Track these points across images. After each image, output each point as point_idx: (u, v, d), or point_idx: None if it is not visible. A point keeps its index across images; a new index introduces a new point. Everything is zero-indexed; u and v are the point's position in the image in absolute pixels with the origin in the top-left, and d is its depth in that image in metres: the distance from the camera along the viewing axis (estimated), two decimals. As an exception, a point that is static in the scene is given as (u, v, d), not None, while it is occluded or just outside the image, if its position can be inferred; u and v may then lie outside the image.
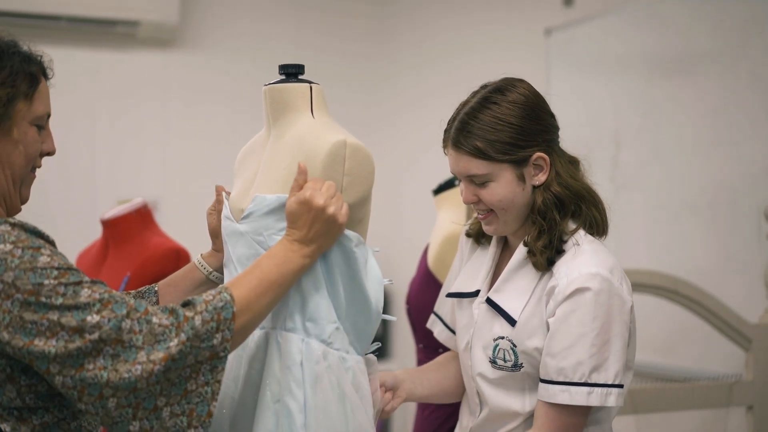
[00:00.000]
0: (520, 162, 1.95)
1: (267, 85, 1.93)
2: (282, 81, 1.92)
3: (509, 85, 1.99)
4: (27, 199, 1.82)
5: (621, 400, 1.91)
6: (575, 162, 2.06)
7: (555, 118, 2.03)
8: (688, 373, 3.46)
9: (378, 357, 3.41)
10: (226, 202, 1.96)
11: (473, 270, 2.14)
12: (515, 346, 1.97)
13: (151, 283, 2.87)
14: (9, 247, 1.60)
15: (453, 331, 2.23)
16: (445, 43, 5.23)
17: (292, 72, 1.92)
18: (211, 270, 2.04)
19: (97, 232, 3.27)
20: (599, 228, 2.02)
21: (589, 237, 1.99)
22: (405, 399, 2.13)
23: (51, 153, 1.81)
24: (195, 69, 5.37)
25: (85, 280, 1.62)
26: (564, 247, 1.96)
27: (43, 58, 1.78)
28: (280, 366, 1.78)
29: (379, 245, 1.93)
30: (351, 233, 1.82)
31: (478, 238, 2.17)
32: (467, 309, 2.10)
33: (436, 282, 2.97)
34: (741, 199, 3.49)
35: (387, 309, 2.00)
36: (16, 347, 1.58)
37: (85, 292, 1.60)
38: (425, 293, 3.02)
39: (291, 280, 1.76)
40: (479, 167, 1.95)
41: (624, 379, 1.97)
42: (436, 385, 2.21)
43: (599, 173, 2.12)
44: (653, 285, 3.07)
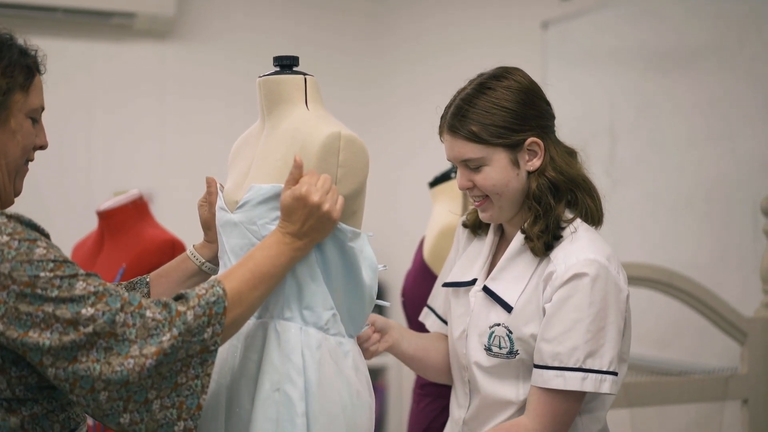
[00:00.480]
0: (513, 146, 1.96)
1: (261, 77, 1.93)
2: (276, 73, 1.92)
3: (505, 72, 2.01)
4: (20, 192, 1.83)
5: (615, 388, 1.91)
6: (572, 152, 2.06)
7: (550, 105, 2.04)
8: (683, 367, 3.47)
9: (373, 349, 3.31)
10: (220, 194, 1.96)
11: (470, 260, 2.14)
12: (511, 332, 1.97)
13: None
14: (5, 239, 1.61)
15: (445, 322, 2.23)
16: (442, 38, 5.22)
17: (286, 64, 1.91)
18: (204, 261, 2.05)
19: (93, 223, 3.26)
20: (594, 217, 2.03)
21: (586, 225, 2.00)
22: (390, 346, 2.13)
23: (44, 147, 1.82)
24: (191, 61, 5.36)
25: (80, 273, 1.63)
26: (562, 234, 1.97)
27: (37, 53, 1.80)
28: (279, 355, 1.79)
29: (376, 241, 1.93)
30: (346, 227, 1.83)
31: (474, 228, 2.18)
32: (463, 298, 2.10)
33: (431, 274, 2.97)
34: (737, 193, 3.49)
35: (381, 297, 2.00)
36: (10, 338, 1.58)
37: (80, 284, 1.61)
38: (421, 285, 3.02)
39: (282, 272, 1.78)
40: (473, 151, 1.96)
41: (619, 370, 1.97)
42: (421, 350, 2.20)
43: (595, 167, 2.13)
44: (649, 278, 3.07)
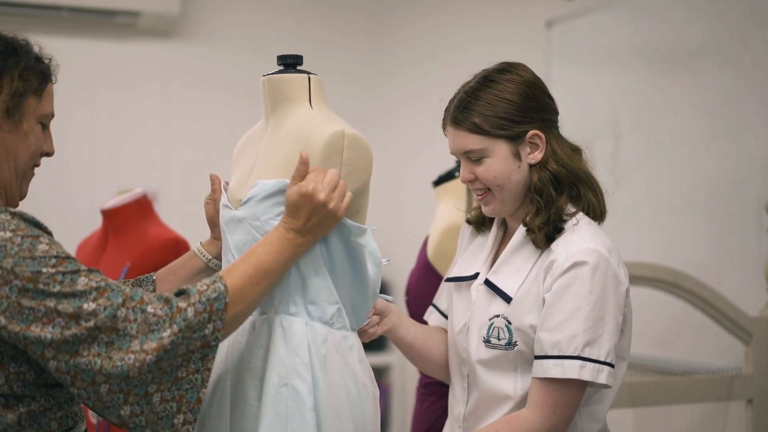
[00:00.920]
0: (515, 138, 1.97)
1: (265, 76, 1.93)
2: (280, 71, 1.92)
3: (509, 67, 2.04)
4: (25, 195, 1.86)
5: (611, 380, 1.91)
6: (577, 149, 2.07)
7: (554, 101, 2.05)
8: (687, 367, 3.46)
9: (376, 348, 3.44)
10: (224, 191, 1.96)
11: (473, 255, 2.15)
12: (510, 323, 1.97)
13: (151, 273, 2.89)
14: (8, 235, 1.63)
15: (447, 318, 2.23)
16: (445, 37, 5.21)
17: (290, 62, 1.92)
18: (210, 257, 2.06)
19: (97, 222, 3.27)
20: (596, 212, 2.04)
21: (588, 219, 2.01)
22: (389, 330, 2.12)
23: (50, 154, 1.86)
24: (195, 60, 5.36)
25: (82, 269, 1.65)
26: (563, 227, 1.97)
27: (51, 61, 1.85)
28: (286, 350, 1.79)
29: (379, 239, 1.93)
30: (352, 224, 1.83)
31: (478, 225, 2.19)
32: (465, 292, 2.11)
33: (435, 273, 2.97)
34: (740, 193, 3.49)
35: (383, 292, 2.01)
36: (12, 332, 1.61)
37: (82, 280, 1.63)
38: (424, 284, 3.02)
39: (284, 268, 1.79)
40: (475, 142, 1.97)
41: (618, 367, 1.97)
42: (420, 339, 2.19)
43: (599, 166, 2.13)
44: (653, 278, 3.06)
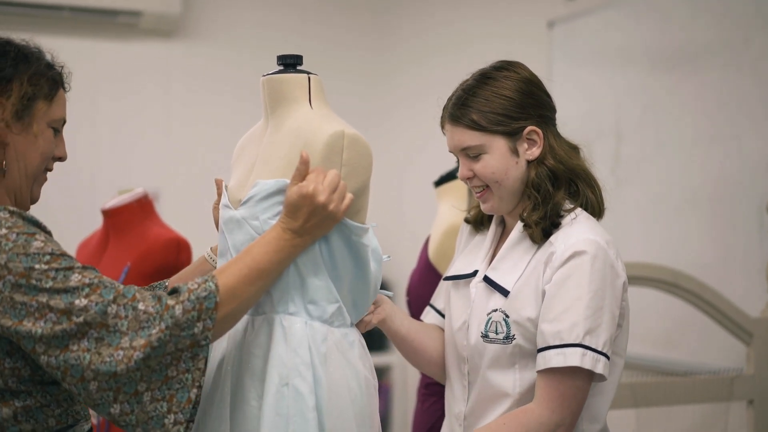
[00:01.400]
0: (512, 134, 1.99)
1: (265, 76, 1.93)
2: (280, 71, 1.92)
3: (506, 64, 2.06)
4: (37, 199, 1.89)
5: (607, 371, 1.91)
6: (575, 147, 2.08)
7: (551, 98, 2.06)
8: (688, 367, 3.46)
9: (377, 348, 3.42)
10: (224, 192, 1.96)
11: (471, 254, 2.15)
12: (507, 316, 1.97)
13: (151, 273, 2.90)
14: (4, 232, 1.66)
15: (444, 317, 2.22)
16: (447, 36, 5.21)
17: (290, 62, 1.91)
18: None
19: (98, 222, 3.27)
20: (595, 209, 2.04)
21: (587, 214, 2.02)
22: (383, 320, 2.10)
23: (62, 158, 1.89)
24: (197, 60, 5.36)
25: (77, 266, 1.67)
26: (561, 222, 1.98)
27: (63, 68, 1.88)
28: (286, 349, 1.79)
29: (381, 239, 1.93)
30: (353, 224, 1.83)
31: (476, 224, 2.19)
32: (463, 290, 2.11)
33: (436, 273, 2.97)
34: (742, 193, 3.48)
35: (383, 288, 2.01)
36: (4, 326, 1.63)
37: (76, 276, 1.65)
38: (425, 285, 3.02)
39: (281, 268, 1.79)
40: (472, 138, 1.99)
41: (614, 364, 1.97)
42: (413, 333, 2.18)
43: (600, 166, 2.13)
44: (654, 278, 3.07)
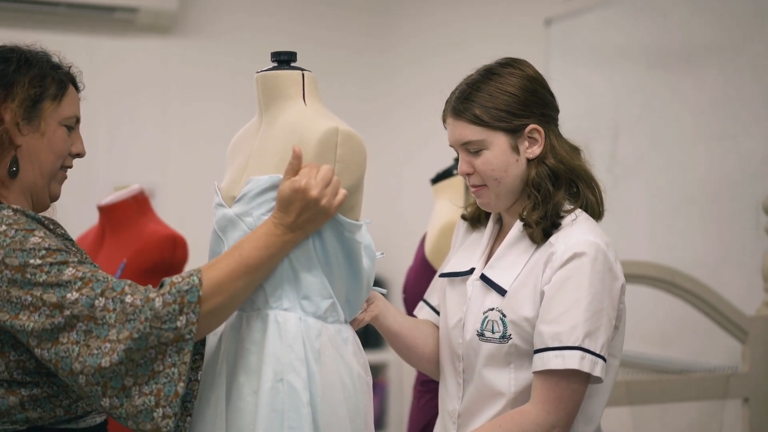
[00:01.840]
0: (514, 131, 1.98)
1: (259, 72, 1.93)
2: (274, 68, 1.91)
3: (513, 61, 2.05)
4: (57, 197, 1.93)
5: (604, 373, 1.90)
6: (576, 148, 2.07)
7: (555, 98, 2.05)
8: (684, 365, 3.46)
9: (373, 345, 3.41)
10: (217, 191, 1.95)
11: (468, 251, 2.15)
12: (504, 316, 1.97)
13: (148, 270, 2.90)
14: (3, 228, 1.71)
15: (438, 314, 2.22)
16: (445, 35, 5.21)
17: (284, 59, 1.91)
18: None
19: (94, 218, 3.26)
20: (595, 210, 2.04)
21: (587, 215, 2.01)
22: (375, 317, 2.09)
23: (81, 154, 1.93)
24: (194, 56, 5.35)
25: (72, 260, 1.70)
26: (561, 222, 1.97)
27: (71, 68, 1.93)
28: (280, 345, 1.79)
29: (377, 236, 1.93)
30: (346, 220, 1.83)
31: (473, 221, 2.18)
32: (459, 287, 2.10)
33: (432, 270, 2.96)
34: (740, 192, 3.48)
35: (378, 285, 2.01)
36: (2, 320, 1.68)
37: (70, 271, 1.69)
38: (422, 282, 3.01)
39: (271, 263, 1.78)
40: (474, 133, 1.98)
41: (610, 367, 1.97)
42: (406, 329, 2.17)
43: (598, 164, 2.13)
44: (651, 276, 3.07)
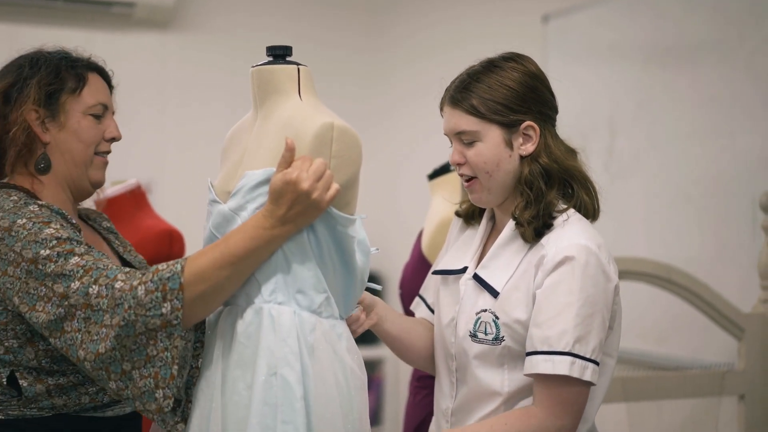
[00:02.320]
0: (509, 125, 1.97)
1: (254, 67, 1.92)
2: (269, 63, 1.91)
3: (516, 56, 2.05)
4: (100, 182, 2.00)
5: (595, 377, 1.89)
6: (573, 151, 2.06)
7: (555, 98, 2.05)
8: (680, 362, 3.47)
9: (369, 341, 3.39)
10: (211, 188, 1.94)
11: (461, 249, 2.14)
12: (497, 318, 1.96)
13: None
14: (23, 221, 1.79)
15: (434, 311, 2.22)
16: (442, 33, 5.20)
17: (279, 53, 1.90)
18: None
19: (91, 213, 3.26)
20: (589, 211, 2.02)
21: (580, 215, 2.00)
22: (375, 324, 2.10)
23: (116, 138, 2.00)
24: (191, 51, 5.34)
25: (78, 250, 1.76)
26: (553, 222, 1.96)
27: (91, 58, 2.01)
28: (275, 339, 1.79)
29: (374, 232, 1.92)
30: (339, 214, 1.82)
31: (467, 218, 2.18)
32: (452, 286, 2.10)
33: (429, 266, 2.94)
34: (736, 189, 3.49)
35: (373, 281, 2.01)
36: (23, 312, 1.76)
37: (74, 260, 1.74)
38: (418, 278, 3.01)
39: (257, 255, 1.77)
40: (469, 123, 1.97)
41: (605, 365, 1.96)
42: (404, 332, 2.17)
43: (594, 161, 2.12)
44: (647, 273, 3.07)
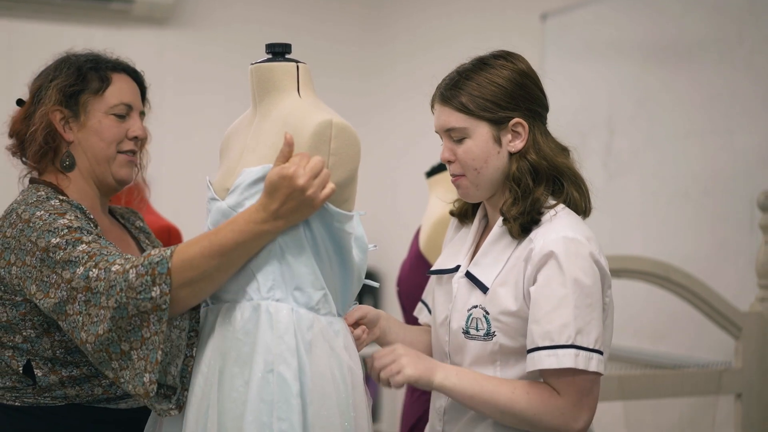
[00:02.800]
0: (498, 122, 1.97)
1: (253, 64, 1.92)
2: (268, 60, 1.91)
3: (506, 54, 2.05)
4: (125, 179, 2.07)
5: (602, 367, 1.88)
6: (564, 149, 2.05)
7: (545, 95, 2.04)
8: (677, 360, 3.47)
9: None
10: (210, 186, 1.94)
11: (455, 248, 2.14)
12: (488, 313, 1.96)
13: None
14: (41, 213, 1.86)
15: None
16: (441, 29, 5.21)
17: (279, 51, 1.91)
18: None
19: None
20: (579, 208, 2.01)
21: (569, 210, 1.99)
22: (376, 338, 2.10)
23: (138, 137, 2.06)
24: (190, 47, 5.35)
25: (87, 238, 1.81)
26: (541, 219, 1.95)
27: (119, 59, 2.11)
28: (272, 336, 1.79)
29: (372, 229, 1.92)
30: (336, 210, 1.82)
31: (461, 217, 2.18)
32: (446, 285, 2.10)
33: (427, 264, 2.96)
34: (734, 188, 3.49)
35: (371, 279, 2.00)
36: (39, 300, 1.81)
37: (82, 247, 1.80)
38: (416, 275, 3.02)
39: (245, 249, 1.78)
40: (458, 120, 1.98)
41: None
42: (407, 343, 2.13)
43: (593, 159, 2.12)
44: (645, 271, 3.06)
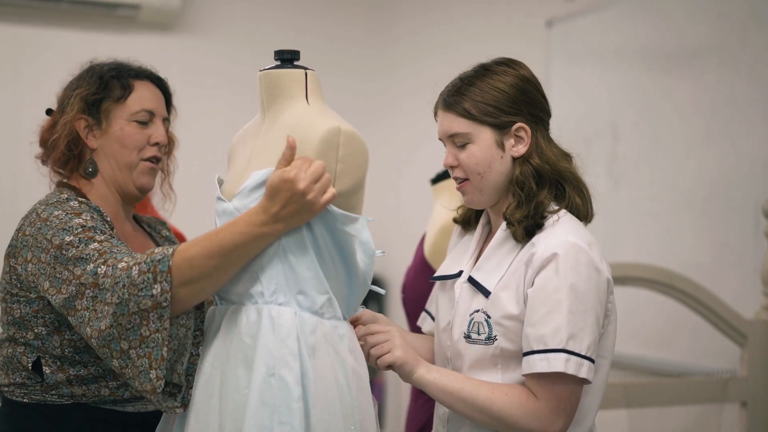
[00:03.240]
0: (500, 127, 1.99)
1: (262, 71, 1.93)
2: (277, 67, 1.92)
3: (509, 61, 2.06)
4: (146, 187, 2.12)
5: (591, 375, 1.88)
6: (567, 155, 2.06)
7: (547, 101, 2.06)
8: (682, 368, 3.47)
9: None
10: (218, 186, 1.95)
11: (458, 254, 2.15)
12: (489, 317, 1.97)
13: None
14: (58, 212, 1.90)
15: None
16: (446, 33, 5.21)
17: (287, 57, 1.91)
18: None
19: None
20: (581, 214, 2.02)
21: (571, 216, 2.00)
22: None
23: (159, 143, 2.14)
24: (195, 53, 5.35)
25: (99, 237, 1.85)
26: (544, 223, 1.96)
27: (141, 66, 2.14)
28: (274, 340, 1.79)
29: (377, 235, 1.92)
30: (338, 211, 1.82)
31: (464, 224, 2.19)
32: (449, 291, 2.10)
33: (431, 271, 2.96)
34: (738, 194, 3.49)
35: (378, 285, 2.01)
36: (51, 296, 1.84)
37: (94, 245, 1.83)
38: (421, 282, 3.02)
39: (245, 251, 1.79)
40: (460, 125, 1.99)
41: (599, 366, 1.95)
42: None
43: (597, 166, 2.12)
44: (648, 279, 3.06)
